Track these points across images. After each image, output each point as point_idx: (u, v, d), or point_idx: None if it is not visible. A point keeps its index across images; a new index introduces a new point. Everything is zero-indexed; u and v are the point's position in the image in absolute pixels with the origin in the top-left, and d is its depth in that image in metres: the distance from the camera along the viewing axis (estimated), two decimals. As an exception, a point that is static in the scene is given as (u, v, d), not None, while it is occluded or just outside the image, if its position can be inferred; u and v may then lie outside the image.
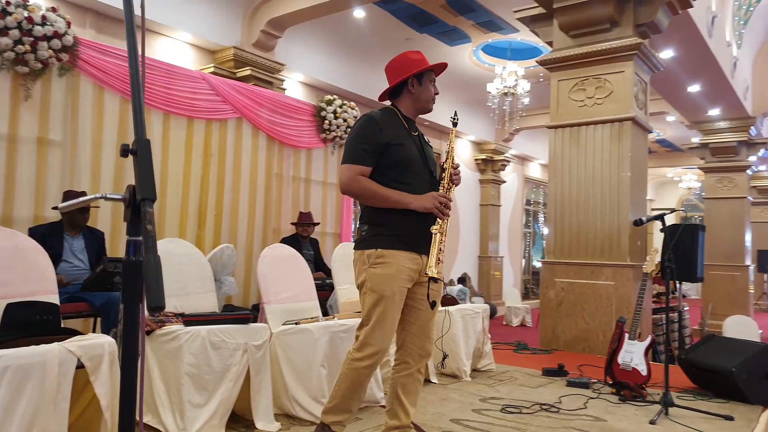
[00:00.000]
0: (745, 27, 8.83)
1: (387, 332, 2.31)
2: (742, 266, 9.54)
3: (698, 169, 10.90)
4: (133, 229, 1.00)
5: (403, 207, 2.27)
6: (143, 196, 0.96)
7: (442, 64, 2.51)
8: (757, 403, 3.60)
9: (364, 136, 2.33)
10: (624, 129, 5.40)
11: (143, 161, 0.99)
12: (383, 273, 2.28)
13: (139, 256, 1.00)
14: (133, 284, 1.01)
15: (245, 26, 7.50)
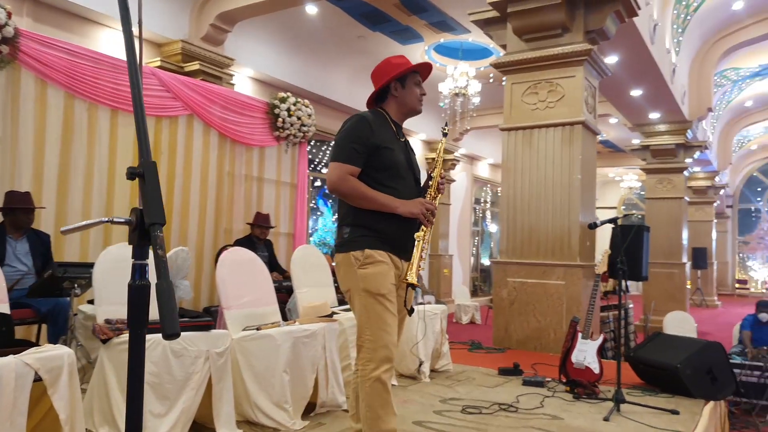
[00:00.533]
0: (683, 35, 9.26)
1: (391, 330, 2.21)
2: (679, 263, 10.03)
3: (639, 169, 11.36)
4: (140, 253, 0.97)
5: (390, 211, 2.24)
6: (152, 220, 0.93)
7: (426, 65, 2.48)
8: (700, 397, 3.78)
9: (356, 136, 2.27)
10: (575, 132, 5.56)
11: (151, 184, 0.96)
12: (376, 271, 2.22)
13: (145, 281, 0.96)
14: (140, 309, 0.98)
15: (193, 19, 7.27)
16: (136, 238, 0.96)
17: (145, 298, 0.97)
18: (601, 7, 5.59)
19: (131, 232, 0.96)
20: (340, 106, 9.74)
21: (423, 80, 2.52)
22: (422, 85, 2.48)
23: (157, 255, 0.90)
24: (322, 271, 4.25)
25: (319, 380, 3.32)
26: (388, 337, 2.19)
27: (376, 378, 2.15)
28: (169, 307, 0.86)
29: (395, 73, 2.39)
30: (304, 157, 7.01)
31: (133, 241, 0.97)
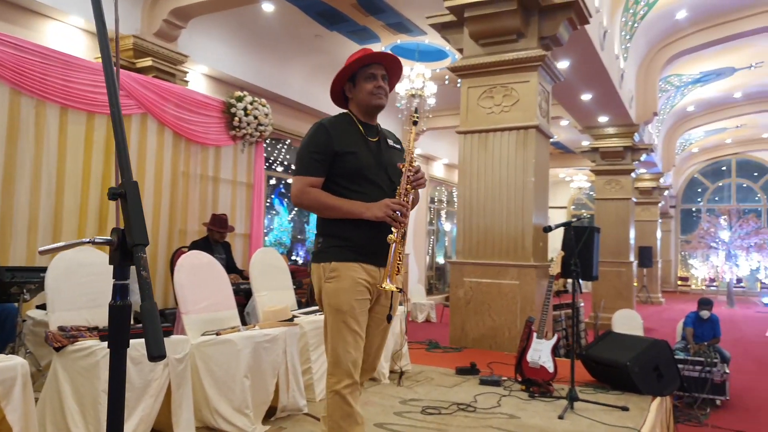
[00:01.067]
0: (630, 42, 9.61)
1: (352, 347, 2.13)
2: (626, 262, 10.43)
3: (589, 171, 11.73)
4: (121, 273, 0.97)
5: (357, 217, 2.13)
6: (136, 241, 0.93)
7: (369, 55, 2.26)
8: (648, 394, 3.95)
9: (314, 144, 2.20)
10: (529, 136, 5.71)
11: (133, 205, 0.95)
12: (337, 287, 2.14)
13: (127, 301, 0.96)
14: (121, 329, 0.97)
15: (146, 14, 7.10)
16: (118, 258, 0.96)
17: (126, 318, 0.97)
18: (555, 14, 5.76)
19: (112, 251, 0.96)
20: (296, 104, 9.69)
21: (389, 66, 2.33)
22: (379, 76, 2.27)
23: (141, 276, 0.90)
24: (282, 274, 4.23)
25: (279, 384, 3.31)
26: (346, 354, 2.12)
27: (336, 392, 2.12)
28: (154, 329, 0.86)
29: (340, 76, 2.29)
30: (260, 156, 6.94)
31: (114, 261, 0.96)
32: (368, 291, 2.18)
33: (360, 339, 2.16)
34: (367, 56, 2.26)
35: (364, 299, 2.17)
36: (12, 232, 4.57)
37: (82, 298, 3.10)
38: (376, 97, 2.26)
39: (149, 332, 0.86)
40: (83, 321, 3.06)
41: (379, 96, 2.27)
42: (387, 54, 2.31)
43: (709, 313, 6.40)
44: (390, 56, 2.32)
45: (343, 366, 2.12)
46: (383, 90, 2.27)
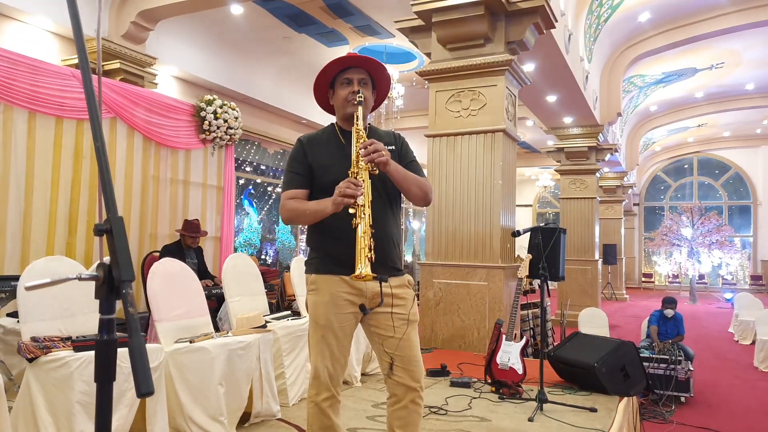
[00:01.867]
0: (595, 43, 9.86)
1: (329, 361, 2.11)
2: (591, 260, 10.70)
3: (554, 170, 11.97)
4: (107, 307, 0.99)
5: (323, 215, 2.05)
6: (123, 277, 0.95)
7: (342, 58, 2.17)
8: (615, 394, 4.07)
9: (292, 159, 2.23)
10: (496, 139, 5.84)
11: (119, 240, 0.97)
12: (316, 300, 2.14)
13: (113, 336, 0.99)
14: (108, 364, 1.01)
15: (113, 16, 7.02)
16: (104, 292, 0.99)
17: (113, 353, 1.01)
18: (521, 19, 5.89)
19: (98, 286, 1.00)
20: (265, 105, 9.69)
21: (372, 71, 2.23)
22: (355, 80, 2.17)
23: (129, 312, 0.94)
24: (254, 280, 4.27)
25: (253, 390, 3.37)
26: (324, 368, 2.11)
27: (316, 403, 2.12)
28: (143, 366, 0.91)
29: (318, 83, 2.24)
30: (230, 159, 6.94)
31: (100, 296, 1.00)
32: (351, 304, 2.13)
33: (339, 353, 2.14)
34: (340, 60, 2.17)
35: (345, 313, 2.12)
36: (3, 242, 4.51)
37: (55, 308, 3.10)
38: (352, 102, 2.16)
39: (138, 369, 0.90)
40: (56, 331, 3.06)
41: (353, 102, 2.16)
42: (365, 57, 2.20)
43: (673, 311, 6.62)
44: (370, 60, 2.21)
45: (321, 379, 2.12)
46: (360, 95, 2.15)
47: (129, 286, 0.96)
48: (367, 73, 2.23)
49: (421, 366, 2.18)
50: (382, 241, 2.10)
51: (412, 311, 2.18)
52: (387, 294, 2.12)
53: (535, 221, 21.79)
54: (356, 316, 2.17)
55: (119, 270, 0.96)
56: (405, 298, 2.18)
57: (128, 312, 0.94)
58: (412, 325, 2.18)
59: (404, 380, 2.12)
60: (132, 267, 0.98)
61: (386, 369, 2.15)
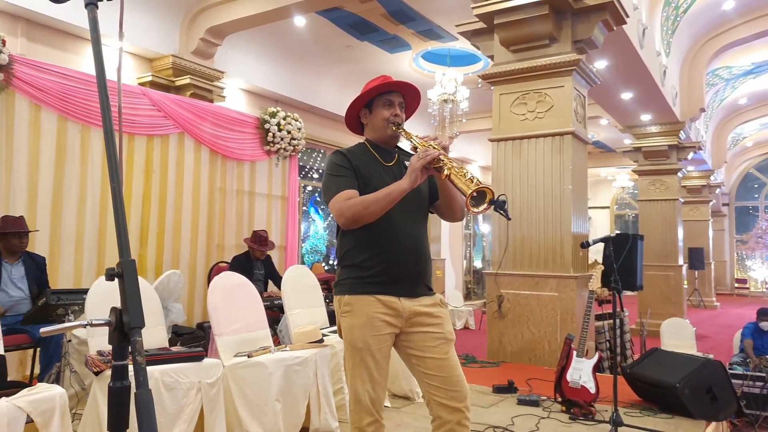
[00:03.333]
0: (673, 36, 9.28)
1: (369, 385, 2.05)
2: (675, 266, 10.03)
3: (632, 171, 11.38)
4: (120, 354, 0.96)
5: (398, 196, 1.98)
6: (133, 324, 0.91)
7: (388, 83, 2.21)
8: (700, 418, 3.74)
9: (337, 166, 2.15)
10: (564, 142, 5.57)
11: (130, 285, 0.93)
12: (351, 322, 2.07)
13: (126, 382, 0.96)
14: (120, 411, 0.96)
15: (183, 34, 7.28)
16: (116, 338, 0.94)
17: (125, 399, 0.96)
18: (589, 16, 5.60)
19: (111, 332, 0.95)
20: (329, 114, 9.77)
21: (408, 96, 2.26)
22: (396, 104, 2.21)
23: (137, 362, 0.88)
24: (313, 292, 4.25)
25: (311, 406, 3.32)
26: (364, 393, 2.05)
27: (359, 428, 2.06)
28: (150, 419, 0.85)
29: (358, 102, 2.25)
30: (294, 169, 7.02)
31: (113, 341, 0.95)
32: (388, 324, 2.07)
33: (379, 376, 2.08)
34: (386, 84, 2.21)
35: (382, 335, 2.06)
36: (60, 253, 4.75)
37: (118, 324, 3.17)
38: (388, 127, 2.20)
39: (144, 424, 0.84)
40: (120, 346, 3.13)
41: (393, 125, 2.20)
42: (406, 84, 2.24)
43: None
44: (409, 86, 2.25)
45: (363, 404, 2.06)
46: (400, 118, 2.21)
47: (138, 333, 0.90)
48: (403, 97, 2.27)
49: (465, 385, 2.08)
50: (420, 257, 2.13)
51: (448, 330, 2.12)
52: (420, 313, 2.09)
53: (613, 224, 20.83)
54: (392, 338, 2.11)
55: (129, 316, 0.91)
56: (440, 317, 2.12)
57: (136, 362, 0.88)
58: (451, 344, 2.11)
59: (448, 402, 2.03)
60: (142, 314, 0.92)
61: (427, 391, 2.07)
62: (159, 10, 6.94)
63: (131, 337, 0.91)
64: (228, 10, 6.94)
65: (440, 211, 2.27)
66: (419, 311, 2.08)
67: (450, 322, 2.17)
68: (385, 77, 2.27)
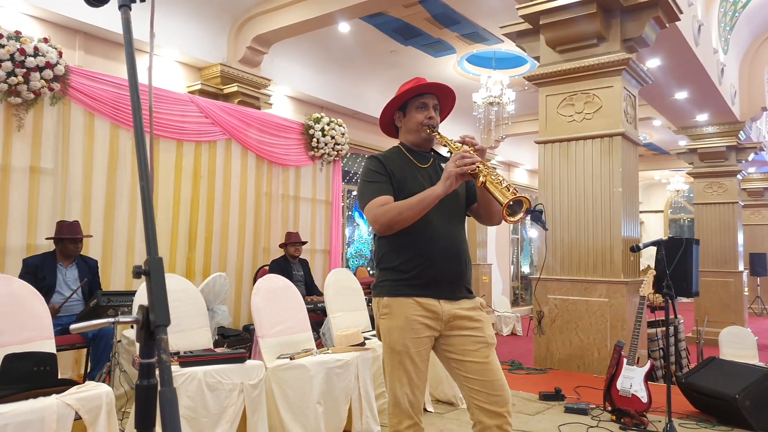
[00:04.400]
0: (731, 33, 8.90)
1: (408, 388, 2.03)
2: (734, 272, 9.55)
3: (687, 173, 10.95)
4: (147, 352, 0.95)
5: (432, 201, 1.96)
6: (158, 322, 0.90)
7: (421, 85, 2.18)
8: (762, 431, 3.54)
9: (372, 172, 2.15)
10: (614, 144, 5.40)
11: (156, 283, 0.92)
12: (390, 325, 2.06)
13: (153, 380, 0.95)
14: (148, 410, 0.96)
15: (231, 43, 7.44)
16: (143, 337, 0.94)
17: (152, 398, 0.95)
18: (639, 14, 5.42)
19: (138, 329, 0.95)
20: (374, 119, 9.78)
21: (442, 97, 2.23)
22: (431, 106, 2.19)
23: (161, 359, 0.88)
24: (356, 295, 4.25)
25: (353, 410, 3.31)
26: (403, 395, 2.03)
27: (397, 430, 2.06)
28: (173, 418, 0.84)
29: (392, 105, 2.24)
30: (338, 174, 7.07)
31: (140, 339, 0.95)
32: (427, 327, 2.05)
33: (418, 379, 2.05)
34: (419, 86, 2.19)
35: (421, 338, 2.04)
36: (112, 256, 4.92)
37: (165, 324, 3.24)
38: (425, 128, 2.18)
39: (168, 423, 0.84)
40: (166, 346, 3.20)
41: (426, 127, 2.18)
42: (439, 85, 2.21)
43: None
44: (443, 87, 2.22)
45: (402, 407, 2.04)
46: (434, 120, 2.19)
47: (164, 331, 0.90)
48: (438, 99, 2.25)
49: (506, 390, 2.04)
50: (459, 259, 2.11)
51: (489, 334, 2.09)
52: (460, 316, 2.07)
53: (667, 228, 20.08)
54: (431, 341, 2.09)
55: (155, 314, 0.91)
56: (480, 320, 2.09)
57: (161, 359, 0.88)
58: (491, 348, 2.08)
59: (489, 406, 2.00)
60: (168, 312, 0.92)
61: (467, 395, 2.05)
62: (207, 20, 7.13)
63: (157, 335, 0.90)
64: (274, 18, 7.06)
65: (477, 214, 2.23)
66: (459, 314, 2.06)
67: (491, 325, 2.13)
68: (418, 79, 2.24)
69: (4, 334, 2.54)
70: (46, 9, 5.59)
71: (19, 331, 2.59)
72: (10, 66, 4.15)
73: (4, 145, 4.28)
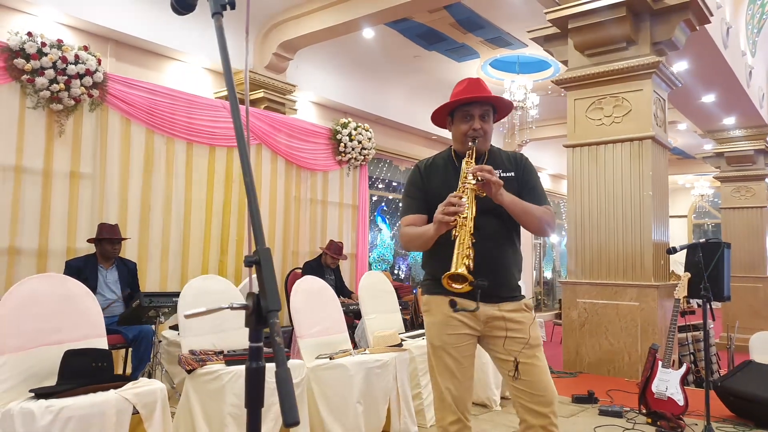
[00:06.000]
0: (759, 35, 8.82)
1: (450, 383, 2.06)
2: (764, 277, 9.42)
3: (713, 177, 10.84)
4: (255, 336, 1.01)
5: (430, 240, 2.02)
6: (270, 307, 0.95)
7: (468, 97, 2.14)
8: (799, 434, 3.53)
9: (409, 185, 2.24)
10: (644, 148, 5.40)
11: (267, 271, 0.98)
12: (430, 321, 2.15)
13: (261, 363, 1.02)
14: (257, 390, 1.02)
15: (257, 49, 7.55)
16: (253, 321, 0.99)
17: (261, 380, 1.02)
18: (669, 17, 5.41)
19: (248, 315, 1.01)
20: (397, 124, 9.85)
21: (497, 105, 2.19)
22: (477, 116, 2.13)
23: (275, 342, 0.93)
24: (389, 297, 4.29)
25: (391, 410, 3.35)
26: (446, 390, 2.06)
27: (443, 428, 2.09)
28: (289, 396, 0.89)
29: (439, 112, 2.22)
30: (364, 178, 7.14)
31: (250, 324, 1.01)
32: (465, 325, 2.09)
33: (460, 375, 2.08)
34: (466, 98, 2.14)
35: (459, 334, 2.08)
36: (148, 259, 5.02)
37: (209, 324, 3.32)
38: (470, 139, 2.13)
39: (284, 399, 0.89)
40: (210, 345, 3.28)
41: (472, 138, 2.12)
42: (487, 96, 2.15)
43: None
44: (491, 97, 2.16)
45: (446, 402, 2.08)
46: (480, 131, 2.13)
47: (276, 315, 0.95)
48: (489, 103, 2.19)
49: (551, 391, 2.05)
50: (496, 263, 2.10)
51: (533, 335, 2.08)
52: (500, 317, 2.08)
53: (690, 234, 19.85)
54: (473, 338, 2.13)
55: (266, 300, 0.96)
56: (521, 322, 2.09)
57: (275, 341, 0.93)
58: (536, 349, 2.09)
59: (533, 406, 2.02)
60: (278, 297, 0.98)
61: (513, 394, 2.09)
62: (233, 27, 7.23)
63: (269, 320, 0.95)
64: (299, 25, 7.16)
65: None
66: (498, 316, 2.08)
67: (537, 326, 2.15)
68: (469, 82, 2.20)
69: (62, 331, 2.62)
70: (79, 18, 5.74)
71: (76, 329, 2.68)
72: (52, 74, 4.28)
73: (46, 150, 4.40)
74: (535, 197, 2.15)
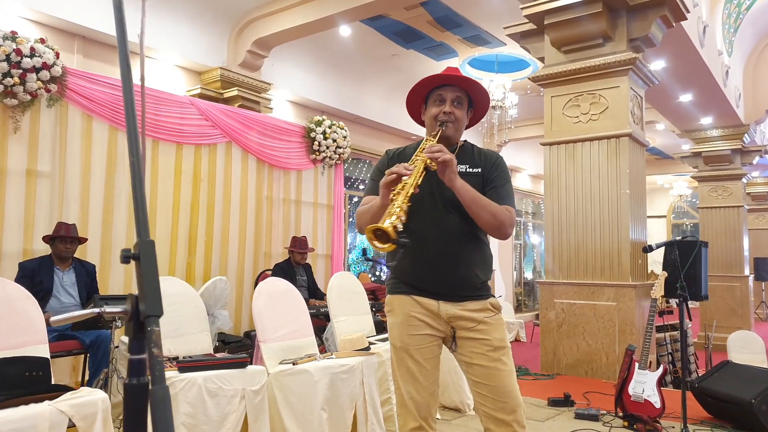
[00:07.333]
0: (735, 35, 8.84)
1: (411, 386, 1.96)
2: (740, 276, 9.45)
3: (691, 177, 10.87)
4: (137, 347, 0.83)
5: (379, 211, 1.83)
6: (148, 312, 0.79)
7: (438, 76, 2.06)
8: (779, 436, 3.45)
9: (375, 169, 2.15)
10: (621, 145, 5.32)
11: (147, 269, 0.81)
12: (392, 322, 2.05)
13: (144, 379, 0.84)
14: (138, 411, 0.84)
15: (231, 46, 7.38)
16: (132, 329, 0.83)
17: (144, 398, 0.84)
18: (646, 13, 5.35)
19: (127, 321, 0.85)
20: (375, 124, 9.72)
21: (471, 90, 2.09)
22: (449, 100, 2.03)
23: (152, 354, 0.78)
24: (360, 300, 4.15)
25: (357, 416, 3.21)
26: (406, 393, 1.96)
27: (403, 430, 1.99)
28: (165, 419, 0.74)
29: (412, 97, 2.14)
30: (340, 178, 6.98)
31: (129, 332, 0.84)
32: (427, 325, 1.98)
33: (422, 378, 1.96)
34: (436, 77, 2.06)
35: (421, 335, 1.97)
36: (111, 261, 4.82)
37: (164, 328, 3.15)
38: (439, 122, 2.02)
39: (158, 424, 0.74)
40: (165, 351, 3.11)
41: (441, 121, 2.02)
42: (461, 77, 2.05)
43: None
44: (466, 79, 2.06)
45: (407, 407, 1.96)
46: (451, 116, 2.03)
47: (155, 322, 0.79)
48: (464, 91, 2.09)
49: (515, 397, 1.93)
50: (457, 260, 1.98)
51: (497, 336, 1.96)
52: (463, 317, 1.97)
53: (669, 233, 19.96)
54: (436, 339, 2.01)
55: (145, 303, 0.80)
56: (486, 322, 1.97)
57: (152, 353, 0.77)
58: (501, 352, 1.95)
59: (496, 413, 1.90)
60: (160, 300, 0.80)
61: (476, 400, 1.98)
62: (207, 23, 7.07)
63: (147, 327, 0.79)
64: (274, 21, 7.00)
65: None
66: (461, 315, 1.96)
67: (503, 328, 2.01)
68: (447, 69, 2.12)
69: (-5, 338, 2.45)
70: (44, 12, 5.53)
71: (11, 336, 2.50)
72: (5, 67, 4.07)
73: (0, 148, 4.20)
74: (496, 195, 2.00)
